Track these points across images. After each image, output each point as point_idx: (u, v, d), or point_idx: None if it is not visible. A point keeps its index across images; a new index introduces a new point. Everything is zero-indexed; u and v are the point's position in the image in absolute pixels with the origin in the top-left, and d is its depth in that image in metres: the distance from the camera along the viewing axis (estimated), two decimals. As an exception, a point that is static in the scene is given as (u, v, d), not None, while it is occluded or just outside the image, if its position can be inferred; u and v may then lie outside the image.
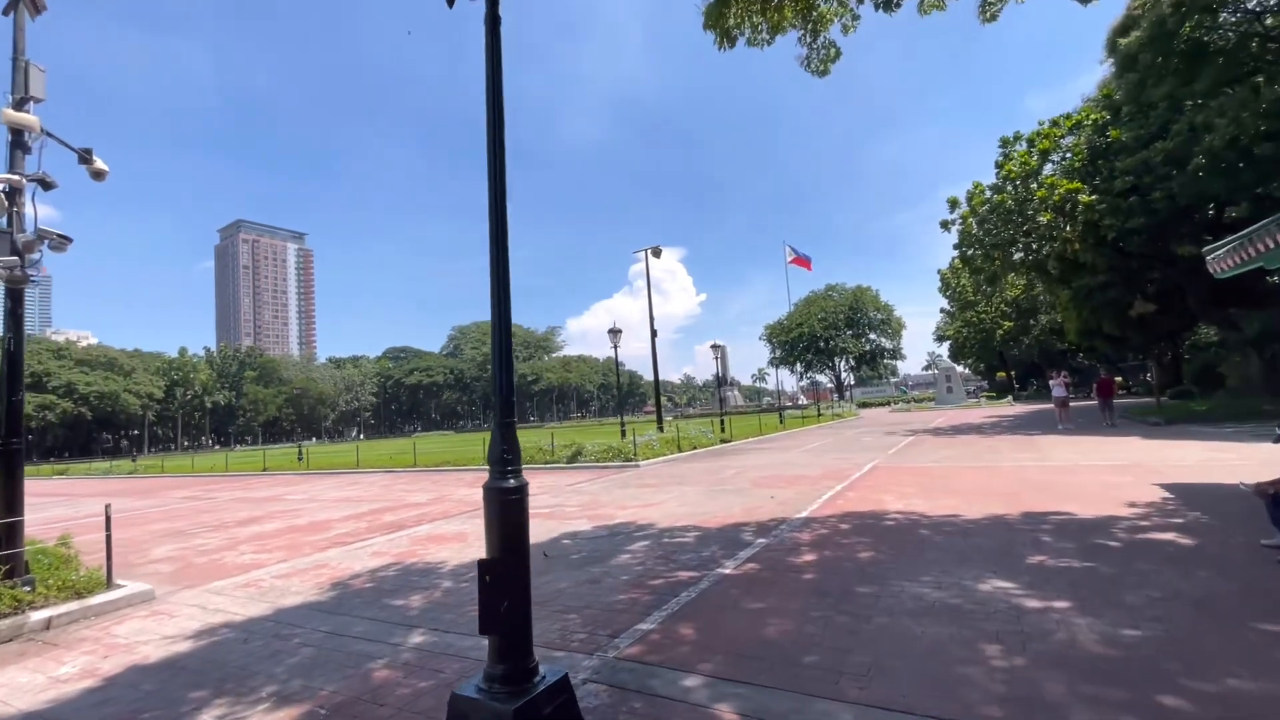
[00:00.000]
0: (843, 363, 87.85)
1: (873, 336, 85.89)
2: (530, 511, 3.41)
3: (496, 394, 3.36)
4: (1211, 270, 9.31)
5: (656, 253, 25.09)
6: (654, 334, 24.98)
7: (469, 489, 14.64)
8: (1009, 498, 8.44)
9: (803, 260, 66.83)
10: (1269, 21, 20.91)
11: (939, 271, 61.03)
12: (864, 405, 68.94)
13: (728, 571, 5.83)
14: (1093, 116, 21.50)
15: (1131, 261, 22.17)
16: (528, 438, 24.91)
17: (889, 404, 65.03)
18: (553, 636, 4.49)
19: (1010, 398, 53.29)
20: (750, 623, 4.44)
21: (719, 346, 33.76)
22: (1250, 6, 21.02)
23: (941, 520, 7.38)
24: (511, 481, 3.25)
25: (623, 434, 20.72)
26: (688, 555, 6.61)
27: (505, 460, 3.25)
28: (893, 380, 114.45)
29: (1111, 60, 22.20)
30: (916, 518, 7.66)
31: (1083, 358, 59.88)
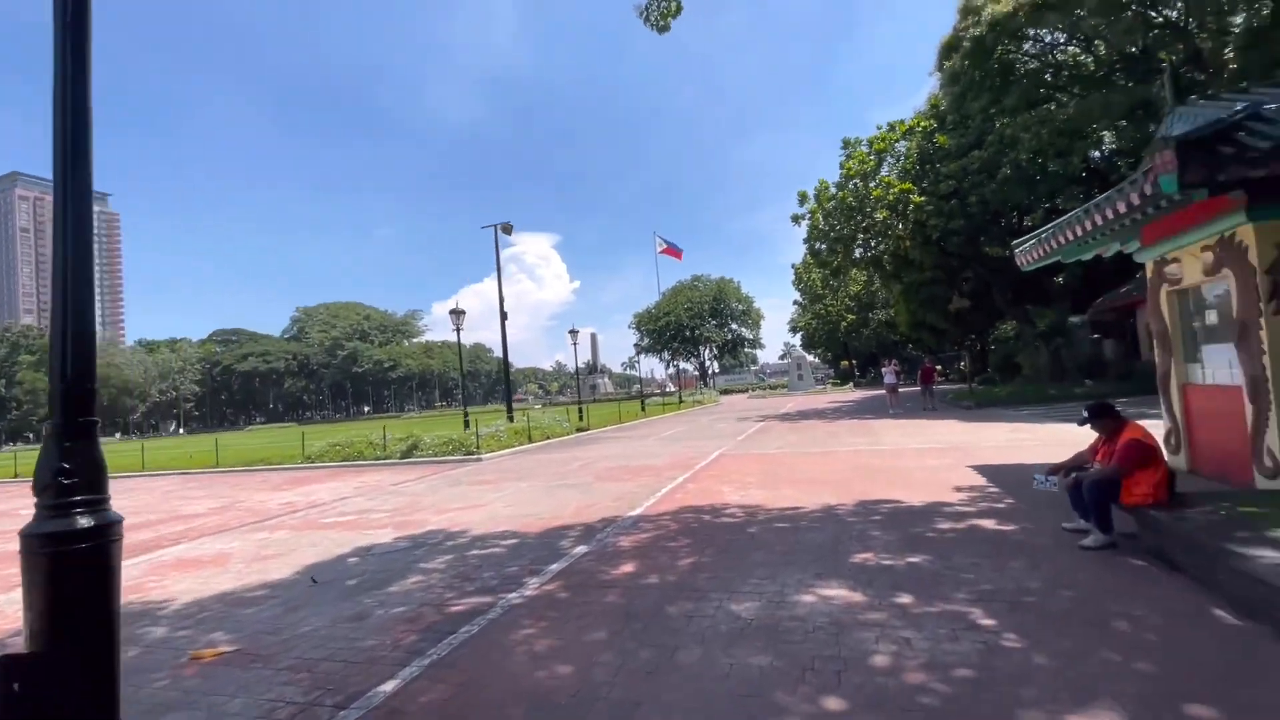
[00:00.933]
0: (707, 351, 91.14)
1: (735, 326, 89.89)
2: (331, 521, 2.18)
3: (56, 380, 2.06)
4: (1019, 262, 9.92)
5: (507, 229, 23.53)
6: (504, 316, 23.47)
7: (271, 493, 12.46)
8: (843, 486, 8.32)
9: (673, 250, 67.89)
10: (1059, 57, 23.82)
11: (793, 266, 64.83)
12: (725, 392, 71.89)
13: (529, 593, 4.86)
14: (923, 124, 23.28)
15: (952, 260, 24.36)
16: (359, 430, 22.42)
17: (748, 391, 68.32)
18: (252, 715, 3.23)
19: (851, 384, 58.05)
20: (527, 670, 3.49)
21: (575, 332, 32.84)
22: (1046, 40, 23.81)
23: (776, 514, 6.98)
24: (83, 521, 1.99)
25: (466, 424, 19.11)
26: (489, 573, 5.56)
27: (66, 486, 1.99)
28: (753, 368, 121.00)
29: (940, 73, 24.11)
30: (752, 510, 7.23)
31: (912, 348, 66.61)
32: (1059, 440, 10.97)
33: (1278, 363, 6.01)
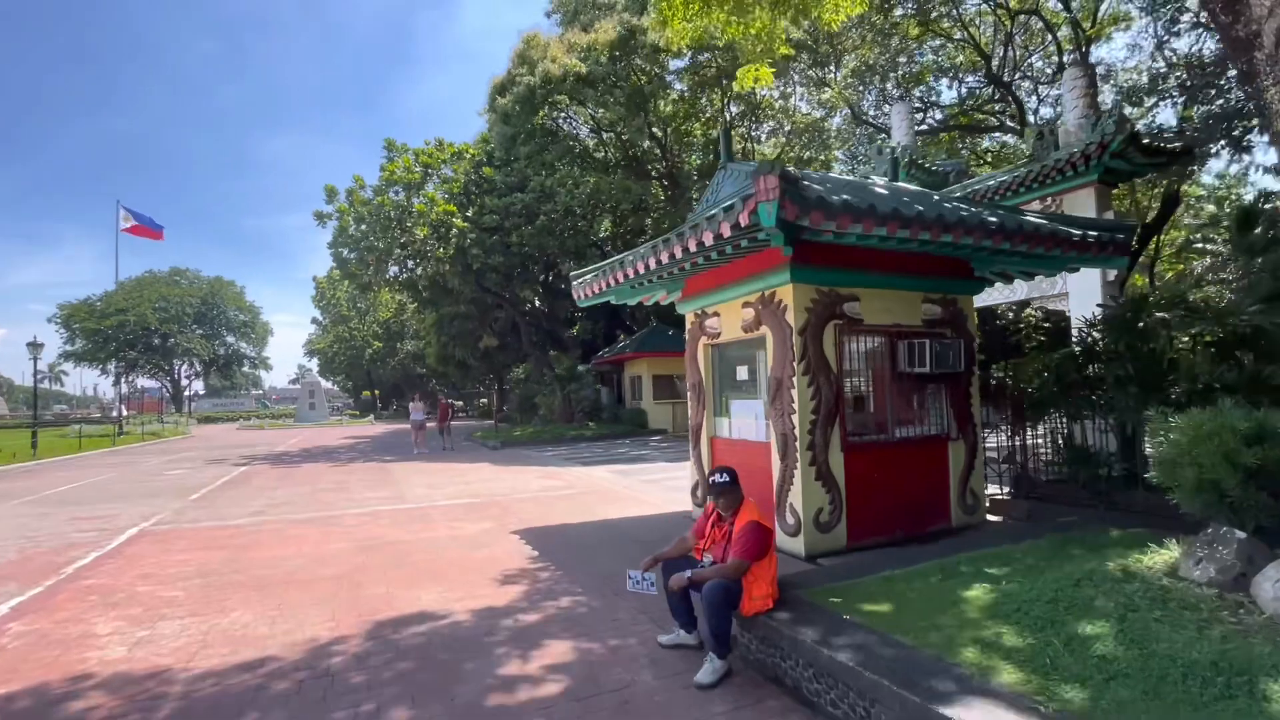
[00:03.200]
0: (185, 366, 70.83)
1: (230, 339, 72.91)
2: None
3: None
4: (578, 295, 9.09)
5: None
6: None
7: None
8: (345, 588, 5.33)
9: (148, 229, 50.61)
10: (587, 140, 27.13)
11: (314, 278, 56.86)
12: (208, 420, 56.63)
13: None
14: (472, 152, 22.65)
15: (488, 296, 24.16)
16: None
17: (239, 420, 55.31)
18: None
19: (372, 416, 53.58)
20: None
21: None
22: (577, 120, 26.83)
23: (197, 690, 3.52)
24: None
25: None
26: None
27: None
28: (255, 392, 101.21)
29: (492, 112, 24.11)
30: (144, 686, 3.54)
31: (436, 383, 66.75)
32: (591, 488, 10.60)
33: (805, 421, 6.29)
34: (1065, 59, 18.52)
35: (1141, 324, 6.61)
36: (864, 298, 6.40)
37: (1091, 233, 6.34)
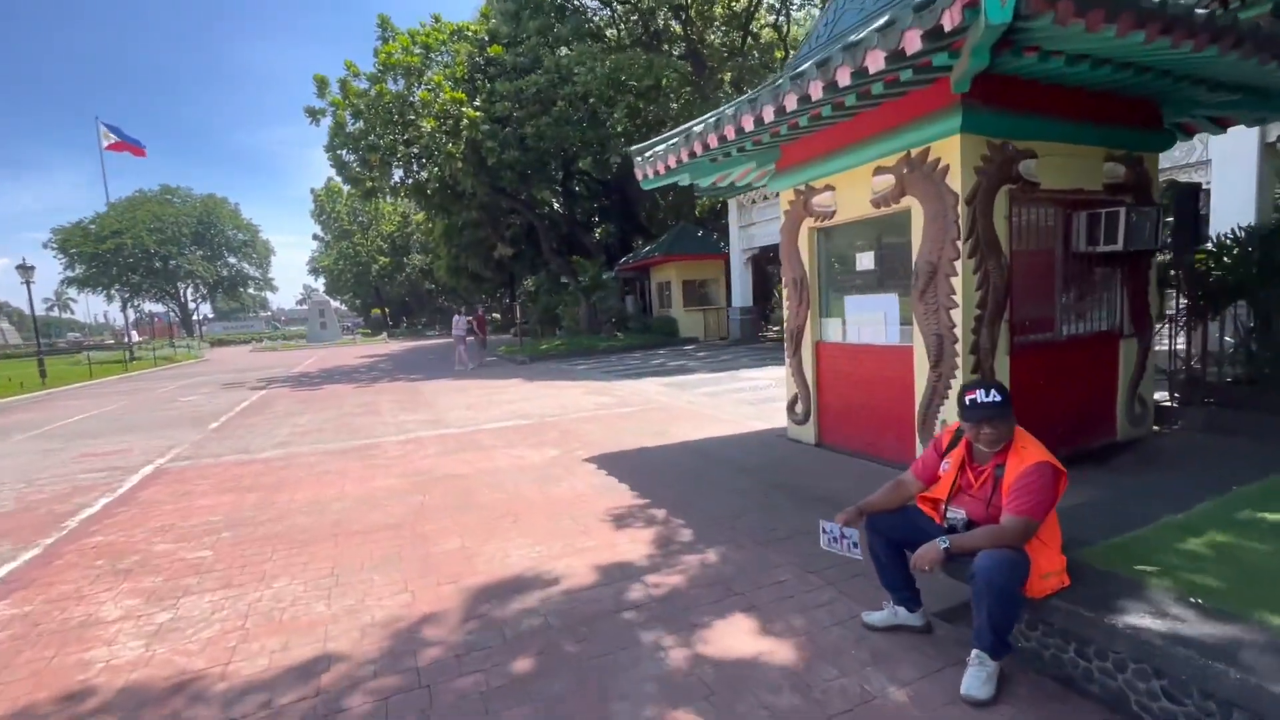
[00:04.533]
0: (190, 289, 69.57)
1: (232, 260, 70.97)
2: None
3: None
4: (642, 174, 7.44)
5: None
6: None
7: None
8: (406, 540, 4.27)
9: (130, 145, 47.78)
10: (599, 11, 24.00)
11: (312, 190, 54.19)
12: (220, 343, 56.03)
13: None
14: (473, 29, 19.96)
15: (502, 200, 22.25)
16: None
17: (252, 342, 54.67)
18: None
19: (385, 334, 52.69)
20: None
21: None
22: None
23: (236, 702, 2.49)
24: None
25: None
26: None
27: None
28: (263, 314, 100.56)
29: (492, -18, 21.12)
30: (169, 704, 2.51)
31: (444, 300, 65.39)
32: (650, 403, 9.50)
33: (968, 319, 4.98)
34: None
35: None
36: (1041, 154, 4.88)
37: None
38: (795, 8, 25.34)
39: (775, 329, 23.21)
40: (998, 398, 2.46)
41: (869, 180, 5.41)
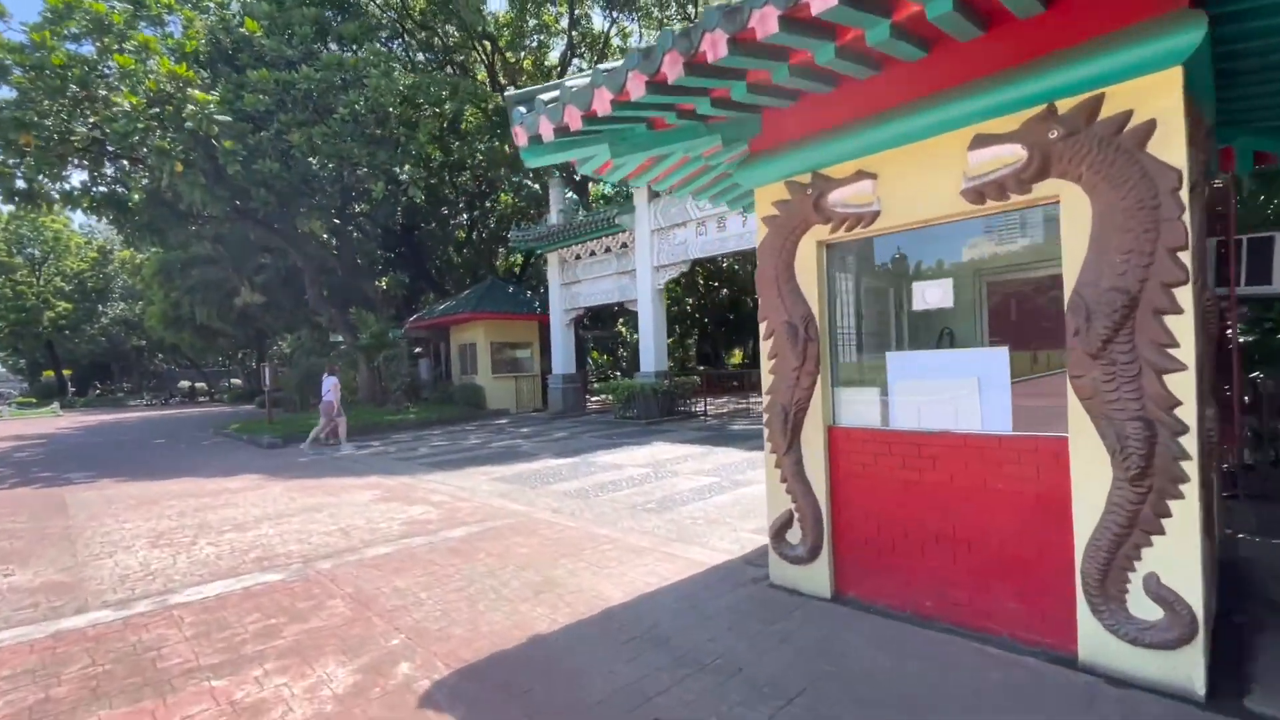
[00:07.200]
0: None
1: None
2: None
3: None
4: (524, 136, 4.46)
5: None
6: None
7: None
8: None
9: None
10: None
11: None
12: None
13: None
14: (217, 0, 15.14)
15: (250, 228, 16.87)
16: None
17: None
18: None
19: (57, 405, 38.65)
20: None
21: None
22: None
23: None
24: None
25: None
26: None
27: None
28: None
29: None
30: None
31: (162, 358, 51.81)
32: (488, 515, 5.97)
33: (1192, 388, 2.85)
34: None
35: None
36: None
37: None
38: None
39: (596, 400, 20.86)
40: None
41: (958, 157, 3.19)
